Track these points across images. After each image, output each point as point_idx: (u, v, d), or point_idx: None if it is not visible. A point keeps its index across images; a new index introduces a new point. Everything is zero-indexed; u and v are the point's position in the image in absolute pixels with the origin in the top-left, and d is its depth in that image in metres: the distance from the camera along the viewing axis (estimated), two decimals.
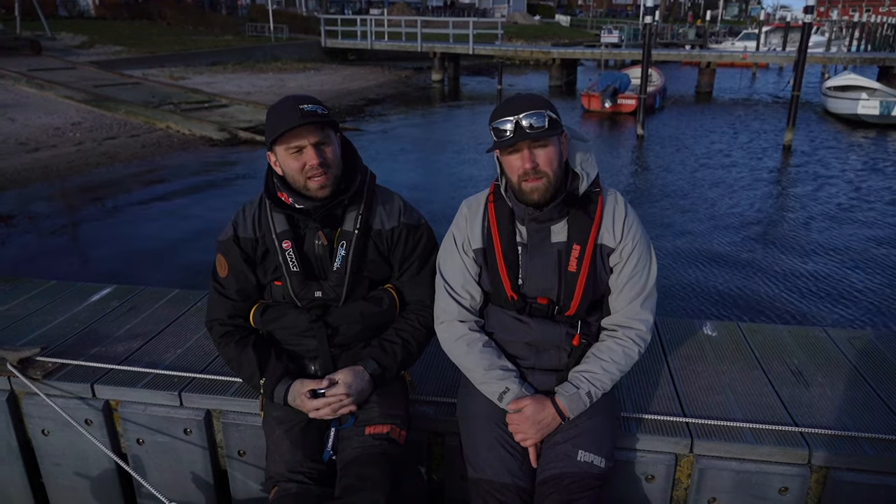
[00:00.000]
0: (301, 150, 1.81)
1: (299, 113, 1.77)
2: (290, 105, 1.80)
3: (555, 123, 1.74)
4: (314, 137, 1.81)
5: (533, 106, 1.73)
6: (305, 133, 1.79)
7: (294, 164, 1.82)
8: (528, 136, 1.71)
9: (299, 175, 1.83)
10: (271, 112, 1.84)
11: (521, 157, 1.74)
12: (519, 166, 1.75)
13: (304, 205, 1.88)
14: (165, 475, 2.43)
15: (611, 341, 1.88)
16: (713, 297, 6.76)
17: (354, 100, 22.08)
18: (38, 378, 2.40)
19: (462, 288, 1.93)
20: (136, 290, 3.19)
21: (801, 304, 6.63)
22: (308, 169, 1.81)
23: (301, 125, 1.76)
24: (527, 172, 1.75)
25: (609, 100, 19.25)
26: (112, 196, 10.54)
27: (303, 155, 1.81)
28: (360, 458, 1.88)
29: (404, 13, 40.75)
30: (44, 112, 14.89)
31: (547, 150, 1.75)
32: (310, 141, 1.80)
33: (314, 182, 1.83)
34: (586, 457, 1.81)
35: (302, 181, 1.84)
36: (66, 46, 24.94)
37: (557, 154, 1.77)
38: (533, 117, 1.71)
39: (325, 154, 1.83)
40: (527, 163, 1.74)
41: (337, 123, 1.90)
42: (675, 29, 48.74)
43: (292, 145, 1.80)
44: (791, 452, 2.02)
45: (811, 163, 13.42)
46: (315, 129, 1.80)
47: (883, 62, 24.64)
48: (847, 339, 2.69)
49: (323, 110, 1.81)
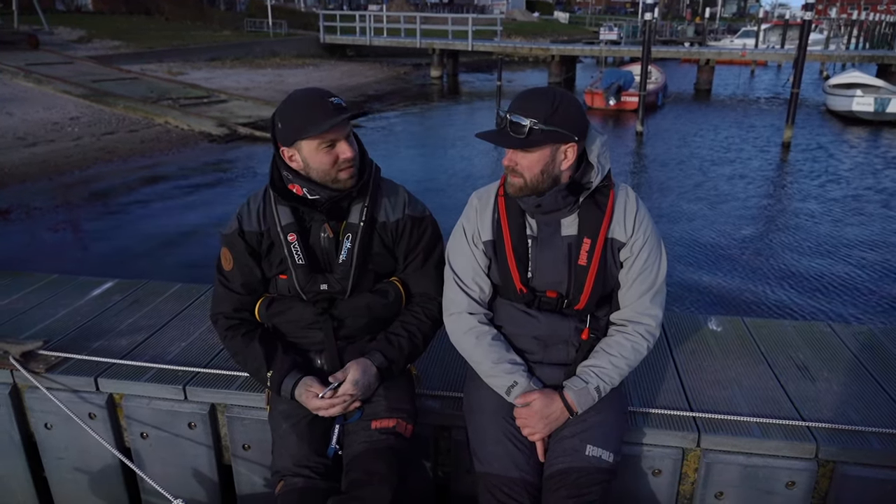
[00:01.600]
0: (334, 144, 1.81)
1: (332, 106, 1.77)
2: (320, 100, 1.78)
3: (538, 135, 1.70)
4: (346, 130, 1.82)
5: (526, 110, 1.71)
6: (339, 127, 1.79)
7: (326, 158, 1.81)
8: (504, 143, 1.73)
9: (331, 168, 1.82)
10: (294, 107, 1.80)
11: (507, 153, 1.78)
12: (505, 158, 1.80)
13: (320, 195, 1.86)
14: (169, 469, 2.42)
15: (620, 336, 1.87)
16: (709, 292, 6.78)
17: (353, 95, 22.02)
18: (41, 372, 2.39)
19: (472, 280, 1.92)
20: (139, 284, 3.18)
21: (802, 300, 6.65)
22: (342, 161, 1.82)
23: (339, 120, 1.75)
24: (507, 168, 1.79)
25: (613, 97, 19.21)
26: (111, 191, 10.51)
27: (335, 148, 1.81)
28: (365, 452, 1.88)
29: (403, 9, 40.64)
30: (42, 106, 14.84)
31: (527, 155, 1.74)
32: (342, 134, 1.81)
33: (345, 173, 1.84)
34: (594, 451, 1.80)
35: (333, 174, 1.83)
36: (64, 41, 24.82)
37: (543, 161, 1.74)
38: (518, 120, 1.71)
39: (356, 146, 1.86)
40: (506, 160, 1.78)
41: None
42: (674, 26, 48.72)
43: (327, 138, 1.79)
44: (798, 447, 2.02)
45: (809, 160, 13.45)
46: (346, 122, 1.80)
47: (881, 60, 24.65)
48: (851, 334, 2.69)
49: (343, 101, 1.82)
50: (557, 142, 1.73)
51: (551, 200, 1.78)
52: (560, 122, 1.71)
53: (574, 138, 1.74)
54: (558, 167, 1.77)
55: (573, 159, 1.77)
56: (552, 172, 1.76)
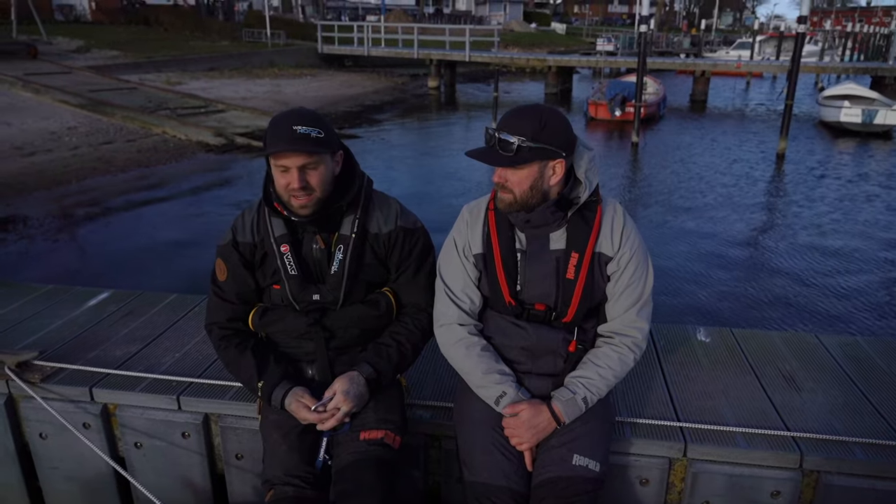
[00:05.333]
0: (287, 170, 1.83)
1: (291, 135, 1.78)
2: (286, 123, 1.80)
3: (526, 152, 1.73)
4: (300, 160, 1.82)
5: (514, 127, 1.74)
6: (292, 155, 1.81)
7: (281, 181, 1.86)
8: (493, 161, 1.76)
9: (284, 192, 1.88)
10: (271, 123, 1.86)
11: (496, 170, 1.81)
12: (495, 175, 1.83)
13: (294, 217, 1.91)
14: (163, 479, 2.44)
15: (607, 348, 1.91)
16: (699, 303, 6.81)
17: (351, 106, 22.12)
18: (36, 382, 2.41)
19: (462, 292, 1.96)
20: (134, 295, 3.20)
21: (790, 310, 6.71)
22: (290, 189, 1.85)
23: (288, 150, 1.79)
24: (497, 184, 1.83)
25: (619, 108, 19.27)
26: (108, 201, 10.52)
27: (288, 174, 1.84)
28: (354, 463, 1.90)
29: (401, 20, 40.86)
30: (40, 116, 14.87)
31: (517, 172, 1.78)
32: (295, 164, 1.82)
33: (295, 202, 1.87)
34: (581, 461, 1.83)
35: (286, 197, 1.88)
36: (63, 51, 24.88)
37: (531, 177, 1.78)
38: (506, 138, 1.74)
39: (309, 178, 1.84)
40: (496, 177, 1.82)
41: (334, 143, 1.89)
42: (671, 37, 49.04)
43: (279, 164, 1.84)
44: (783, 457, 2.05)
45: (802, 171, 13.58)
46: (303, 154, 1.81)
47: (875, 72, 24.85)
48: (838, 345, 2.72)
49: (318, 133, 1.81)
50: (546, 158, 1.77)
51: (540, 216, 1.82)
52: (548, 139, 1.75)
53: (562, 154, 1.77)
54: (547, 183, 1.81)
55: (561, 175, 1.81)
56: (541, 188, 1.80)
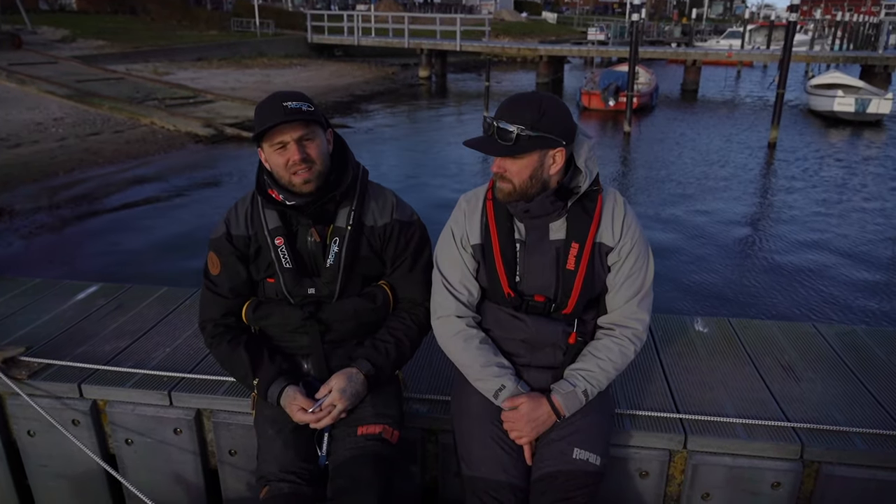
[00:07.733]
0: (285, 146, 1.82)
1: (283, 110, 1.78)
2: (274, 102, 1.81)
3: (526, 141, 1.70)
4: (297, 133, 1.81)
5: (513, 116, 1.71)
6: (288, 129, 1.80)
7: (279, 160, 1.83)
8: (492, 151, 1.73)
9: (284, 171, 1.84)
10: (258, 109, 1.85)
11: (495, 159, 1.78)
12: (494, 165, 1.79)
13: (293, 201, 1.88)
14: (155, 476, 2.40)
15: (607, 340, 1.88)
16: (696, 292, 6.82)
17: (341, 96, 21.94)
18: (23, 378, 2.36)
19: (460, 283, 1.92)
20: (123, 289, 3.14)
21: (786, 299, 6.73)
22: (291, 164, 1.82)
23: (284, 122, 1.77)
24: (496, 174, 1.79)
25: (612, 98, 19.25)
26: (96, 193, 10.38)
27: (286, 151, 1.82)
28: (352, 459, 1.87)
29: (391, 9, 40.55)
30: (25, 107, 14.64)
31: (516, 161, 1.74)
32: (292, 137, 1.81)
33: (298, 177, 1.83)
34: (581, 455, 1.81)
35: (287, 177, 1.85)
36: (48, 41, 24.52)
37: (531, 166, 1.74)
38: (505, 127, 1.70)
39: (308, 150, 1.83)
40: (495, 167, 1.78)
41: (323, 120, 1.90)
42: (661, 27, 48.97)
43: (276, 141, 1.82)
44: (783, 447, 2.03)
45: (793, 160, 13.62)
46: (298, 125, 1.81)
47: (865, 61, 24.92)
48: (836, 334, 2.71)
49: (308, 107, 1.82)
50: (545, 147, 1.73)
51: (540, 205, 1.78)
52: (547, 128, 1.71)
53: (562, 143, 1.73)
54: (547, 172, 1.77)
55: (561, 164, 1.77)
56: (541, 178, 1.76)
